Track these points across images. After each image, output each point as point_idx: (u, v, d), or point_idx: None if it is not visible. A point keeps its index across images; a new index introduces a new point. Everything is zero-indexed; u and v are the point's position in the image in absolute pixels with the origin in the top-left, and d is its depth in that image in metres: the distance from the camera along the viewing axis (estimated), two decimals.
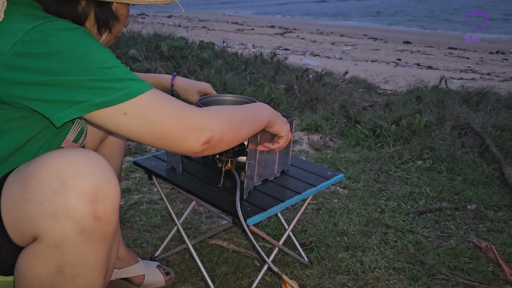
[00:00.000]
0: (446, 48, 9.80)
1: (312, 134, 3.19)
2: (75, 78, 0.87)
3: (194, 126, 0.98)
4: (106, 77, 0.89)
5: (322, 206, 2.16)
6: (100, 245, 0.87)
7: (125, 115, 0.92)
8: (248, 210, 1.31)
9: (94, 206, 0.83)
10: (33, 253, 0.86)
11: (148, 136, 0.96)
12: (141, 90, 0.92)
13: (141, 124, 0.94)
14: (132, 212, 2.03)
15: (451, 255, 1.82)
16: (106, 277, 0.97)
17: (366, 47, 9.53)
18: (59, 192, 0.82)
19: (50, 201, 0.82)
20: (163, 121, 0.95)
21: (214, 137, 1.00)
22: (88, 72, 0.88)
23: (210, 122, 1.01)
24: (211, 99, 1.56)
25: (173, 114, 0.96)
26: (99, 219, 0.84)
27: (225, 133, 1.04)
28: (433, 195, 2.33)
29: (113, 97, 0.89)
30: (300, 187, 1.47)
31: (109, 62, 0.91)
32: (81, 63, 0.88)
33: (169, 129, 0.96)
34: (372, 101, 3.93)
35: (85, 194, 0.82)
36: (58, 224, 0.82)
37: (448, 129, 3.10)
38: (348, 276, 1.67)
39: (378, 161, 2.71)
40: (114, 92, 0.89)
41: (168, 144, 0.98)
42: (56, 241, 0.83)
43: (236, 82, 3.92)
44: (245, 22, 13.80)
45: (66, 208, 0.82)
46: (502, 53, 9.20)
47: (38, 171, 0.83)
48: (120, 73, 0.91)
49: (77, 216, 0.82)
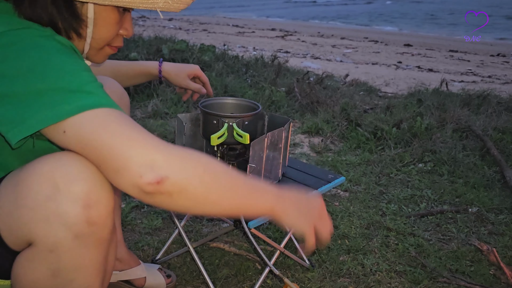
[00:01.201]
0: (447, 50, 9.80)
1: (313, 137, 3.19)
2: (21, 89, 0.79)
3: (142, 157, 0.78)
4: (54, 85, 0.80)
5: None
6: (96, 249, 0.87)
7: (64, 134, 0.80)
8: None
9: (87, 210, 0.82)
10: (28, 258, 0.86)
11: (90, 160, 0.82)
12: (90, 105, 0.79)
13: (77, 147, 0.81)
14: (133, 215, 2.03)
15: (452, 258, 1.82)
16: (104, 280, 0.96)
17: (367, 49, 9.54)
18: (51, 198, 0.81)
19: (42, 207, 0.81)
20: (101, 145, 0.79)
21: (170, 180, 0.78)
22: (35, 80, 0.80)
23: (169, 160, 0.80)
24: (212, 102, 1.56)
25: (118, 138, 0.79)
26: (93, 223, 0.84)
27: (191, 183, 0.80)
28: (434, 198, 2.33)
29: (56, 112, 0.78)
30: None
31: (65, 68, 0.82)
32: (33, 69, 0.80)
33: (107, 155, 0.79)
34: (373, 104, 3.93)
35: (77, 199, 0.82)
36: (51, 230, 0.82)
37: (449, 132, 3.10)
38: (350, 279, 1.67)
39: (379, 164, 2.71)
40: (58, 105, 0.79)
41: (108, 175, 0.81)
42: (50, 246, 0.83)
43: (237, 85, 3.92)
44: (246, 25, 13.81)
45: (59, 213, 0.81)
46: (503, 55, 9.20)
47: (30, 176, 0.83)
48: (76, 82, 0.81)
49: (70, 221, 0.82)
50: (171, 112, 3.38)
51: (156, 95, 3.63)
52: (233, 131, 1.39)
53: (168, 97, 3.58)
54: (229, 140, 1.40)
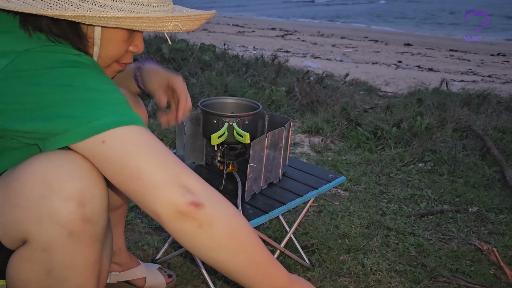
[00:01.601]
0: (447, 50, 9.79)
1: (313, 136, 3.19)
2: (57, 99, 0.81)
3: (184, 181, 0.81)
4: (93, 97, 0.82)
5: (323, 209, 2.16)
6: (90, 247, 0.87)
7: (103, 144, 0.81)
8: (250, 213, 1.31)
9: (82, 208, 0.83)
10: (22, 257, 0.86)
11: (119, 175, 0.82)
12: (132, 122, 0.83)
13: (117, 158, 0.81)
14: (133, 215, 2.03)
15: (452, 257, 1.82)
16: (100, 278, 0.96)
17: (367, 49, 9.53)
18: (44, 196, 0.81)
19: (35, 206, 0.82)
20: (143, 159, 0.81)
21: (206, 208, 0.80)
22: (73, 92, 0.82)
23: (208, 190, 0.84)
24: (213, 101, 1.56)
25: (161, 156, 0.83)
26: (87, 221, 0.84)
27: (221, 220, 0.82)
28: (435, 198, 2.33)
29: (99, 123, 0.81)
30: (301, 190, 1.47)
31: (98, 85, 0.85)
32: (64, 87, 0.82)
33: (147, 170, 0.81)
34: (373, 104, 3.93)
35: (71, 197, 0.82)
36: (45, 228, 0.82)
37: (449, 132, 3.10)
38: (350, 279, 1.67)
39: (379, 163, 2.71)
40: (102, 118, 0.81)
41: (140, 188, 0.81)
42: (43, 245, 0.83)
43: (237, 85, 3.92)
44: (246, 25, 13.81)
45: (52, 212, 0.81)
46: (503, 55, 9.19)
47: (23, 175, 0.83)
48: (111, 97, 0.85)
49: (63, 219, 0.82)
50: None
51: None
52: (233, 131, 1.39)
53: None
54: (229, 140, 1.40)
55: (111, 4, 0.86)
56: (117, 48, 0.95)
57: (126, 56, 0.99)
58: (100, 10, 0.85)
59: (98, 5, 0.85)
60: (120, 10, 0.87)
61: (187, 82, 3.91)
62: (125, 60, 1.00)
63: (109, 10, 0.86)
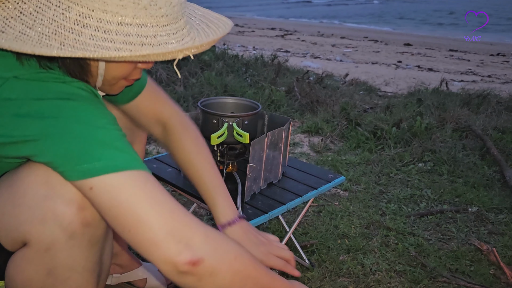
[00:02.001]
0: (446, 50, 9.80)
1: (312, 136, 3.19)
2: None
3: (181, 233, 0.76)
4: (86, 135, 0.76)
5: (323, 209, 2.16)
6: (90, 249, 0.88)
7: (91, 190, 0.77)
8: (249, 213, 1.31)
9: (82, 212, 0.83)
10: (23, 258, 0.86)
11: (110, 222, 0.79)
12: (124, 166, 0.77)
13: (106, 207, 0.77)
14: None
15: (452, 257, 1.82)
16: (100, 279, 0.97)
17: (367, 49, 9.54)
18: (48, 198, 0.82)
19: (39, 206, 0.82)
20: (137, 211, 0.76)
21: (205, 263, 0.77)
22: None
23: (206, 242, 0.79)
24: (212, 101, 1.56)
25: (156, 207, 0.77)
26: (87, 224, 0.85)
27: (222, 269, 0.80)
28: (434, 198, 2.33)
29: (87, 167, 0.76)
30: (301, 190, 1.47)
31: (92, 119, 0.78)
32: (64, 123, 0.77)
33: (141, 224, 0.76)
34: (372, 104, 3.93)
35: (72, 201, 0.83)
36: (47, 229, 0.83)
37: (449, 132, 3.10)
38: (349, 279, 1.67)
39: (379, 163, 2.71)
40: (92, 161, 0.76)
41: (135, 242, 0.77)
42: (45, 245, 0.84)
43: (237, 85, 3.92)
44: (246, 24, 13.81)
45: (55, 213, 0.82)
46: (503, 55, 9.20)
47: (26, 177, 0.84)
48: (106, 134, 0.78)
49: (65, 221, 0.83)
50: None
51: None
52: (233, 131, 1.39)
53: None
54: (229, 140, 1.40)
55: (116, 29, 0.76)
56: (124, 69, 0.88)
57: (135, 72, 0.91)
58: (102, 46, 0.75)
59: (101, 35, 0.76)
60: (126, 35, 0.77)
61: (187, 82, 3.91)
62: (134, 76, 0.92)
63: (111, 45, 0.76)
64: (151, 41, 0.79)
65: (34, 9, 0.76)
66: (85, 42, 0.75)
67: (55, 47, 0.74)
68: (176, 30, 0.83)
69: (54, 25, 0.75)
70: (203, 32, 0.90)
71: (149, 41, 0.78)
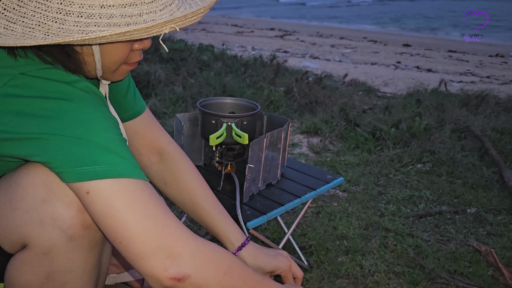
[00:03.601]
0: (445, 51, 9.80)
1: (311, 137, 3.19)
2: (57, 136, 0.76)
3: (170, 249, 0.77)
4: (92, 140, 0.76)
5: (321, 210, 2.15)
6: (89, 252, 0.87)
7: (87, 195, 0.77)
8: (248, 214, 1.30)
9: (82, 214, 0.83)
10: (22, 261, 0.86)
11: (104, 230, 0.80)
12: (123, 173, 0.77)
13: (100, 214, 0.78)
14: None
15: (451, 259, 1.81)
16: (99, 282, 0.97)
17: (366, 49, 9.54)
18: (46, 201, 0.81)
19: (37, 210, 0.82)
20: (129, 223, 0.77)
21: (191, 279, 0.78)
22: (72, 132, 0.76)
23: (196, 257, 0.79)
24: (211, 102, 1.55)
25: (148, 221, 0.77)
26: (87, 227, 0.84)
27: (209, 284, 0.80)
28: (433, 199, 2.32)
29: (87, 170, 0.76)
30: (299, 191, 1.47)
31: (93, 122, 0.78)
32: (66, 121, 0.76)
33: (132, 237, 0.77)
34: (371, 104, 3.93)
35: (72, 203, 0.82)
36: (46, 233, 0.82)
37: (448, 132, 3.10)
38: (348, 280, 1.67)
39: (378, 164, 2.71)
40: (92, 165, 0.76)
41: (124, 253, 0.79)
42: (44, 249, 0.83)
43: (236, 85, 3.92)
44: (245, 25, 13.80)
45: (54, 217, 0.82)
46: (501, 56, 9.20)
47: (24, 180, 0.83)
48: (106, 138, 0.78)
49: (64, 224, 0.82)
50: (170, 112, 3.37)
51: (154, 94, 3.63)
52: (232, 131, 1.38)
53: (166, 96, 3.58)
54: (227, 140, 1.40)
55: (99, 13, 0.75)
56: (120, 52, 0.86)
57: (134, 54, 0.89)
58: (87, 31, 0.75)
59: (84, 21, 0.75)
60: (109, 17, 0.76)
61: (186, 82, 3.90)
62: (134, 59, 0.90)
63: (95, 29, 0.75)
64: (136, 20, 0.78)
65: (17, 3, 0.76)
66: (69, 30, 0.75)
67: (39, 38, 0.74)
68: (163, 6, 0.81)
69: (37, 17, 0.75)
70: (195, 5, 0.87)
71: (134, 21, 0.77)
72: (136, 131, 1.14)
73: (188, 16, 0.82)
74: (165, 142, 1.18)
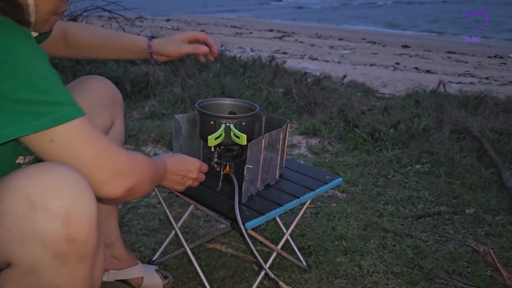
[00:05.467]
0: (444, 52, 9.82)
1: (310, 138, 3.19)
2: None
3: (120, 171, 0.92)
4: (36, 97, 0.80)
5: (320, 210, 2.15)
6: (78, 266, 0.84)
7: (50, 142, 0.84)
8: (247, 214, 1.30)
9: (66, 228, 0.79)
10: (7, 279, 0.83)
11: None
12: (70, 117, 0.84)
13: (66, 156, 0.85)
14: (130, 216, 2.02)
15: (449, 259, 1.82)
16: None
17: (365, 51, 9.55)
18: (27, 217, 0.77)
19: (18, 227, 0.78)
20: (91, 159, 0.88)
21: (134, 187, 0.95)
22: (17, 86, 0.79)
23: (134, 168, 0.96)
24: (210, 102, 1.56)
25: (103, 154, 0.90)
26: (72, 241, 0.80)
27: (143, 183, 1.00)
28: (432, 199, 2.33)
29: (39, 122, 0.81)
30: (298, 191, 1.47)
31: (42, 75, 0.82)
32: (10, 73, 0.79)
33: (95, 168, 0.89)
34: (370, 105, 3.94)
35: (55, 217, 0.78)
36: (29, 250, 0.79)
37: (447, 133, 3.10)
38: (347, 280, 1.67)
39: (377, 165, 2.71)
40: (41, 117, 0.81)
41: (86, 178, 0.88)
42: (29, 267, 0.80)
43: (235, 86, 3.92)
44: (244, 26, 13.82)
45: (36, 233, 0.78)
46: (500, 57, 9.22)
47: (4, 194, 0.79)
48: (52, 92, 0.82)
49: (47, 240, 0.78)
50: (168, 113, 3.37)
51: (153, 95, 3.63)
52: (230, 132, 1.38)
53: (165, 97, 3.58)
54: (226, 141, 1.40)
55: None
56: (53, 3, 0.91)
57: (61, 5, 0.95)
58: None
59: None
60: None
61: (185, 83, 3.91)
62: (61, 9, 0.96)
63: None
64: None
65: None
66: None
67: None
68: None
69: None
70: None
71: None
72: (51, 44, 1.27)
73: None
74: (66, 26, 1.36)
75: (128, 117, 3.30)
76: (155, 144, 2.87)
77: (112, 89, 1.39)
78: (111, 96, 1.38)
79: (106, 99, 1.35)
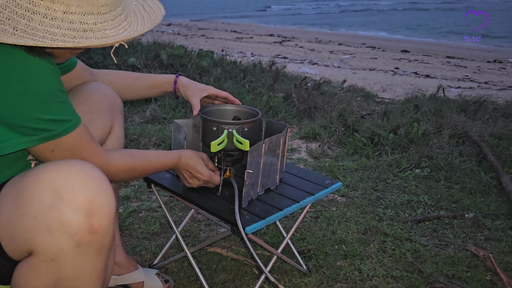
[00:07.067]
0: (443, 57, 9.84)
1: (310, 142, 3.20)
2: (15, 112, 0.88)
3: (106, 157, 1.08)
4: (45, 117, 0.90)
5: (320, 214, 2.16)
6: (96, 257, 0.88)
7: (51, 152, 0.94)
8: (247, 219, 1.31)
9: (90, 219, 0.84)
10: (29, 267, 0.86)
11: None
12: (69, 130, 0.95)
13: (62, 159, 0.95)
14: (131, 220, 2.03)
15: (449, 263, 1.83)
16: (103, 286, 0.97)
17: (364, 55, 9.57)
18: (54, 207, 0.82)
19: (45, 216, 0.82)
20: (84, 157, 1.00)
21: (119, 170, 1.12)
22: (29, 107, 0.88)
23: (117, 156, 1.12)
24: (212, 108, 1.57)
25: (98, 156, 1.04)
26: (94, 232, 0.85)
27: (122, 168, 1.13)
28: (431, 204, 2.34)
29: (43, 136, 0.91)
30: (298, 196, 1.48)
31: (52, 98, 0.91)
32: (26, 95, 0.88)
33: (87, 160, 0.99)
34: (370, 110, 3.95)
35: (80, 208, 0.83)
36: (53, 239, 0.83)
37: (446, 138, 3.11)
38: (347, 284, 1.67)
39: (376, 169, 2.72)
40: (44, 133, 0.91)
41: None
42: (52, 255, 0.84)
43: (235, 91, 3.94)
44: (244, 31, 13.86)
45: (61, 222, 0.82)
46: (499, 62, 9.24)
47: (32, 185, 0.84)
48: (58, 112, 0.92)
49: (72, 230, 0.83)
50: (169, 117, 3.39)
51: (154, 100, 3.64)
52: (233, 138, 1.39)
53: (166, 102, 3.59)
54: (229, 147, 1.41)
55: (62, 17, 0.86)
56: (69, 51, 0.99)
57: None
58: (50, 32, 0.86)
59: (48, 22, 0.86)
60: (70, 22, 0.87)
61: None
62: (77, 50, 1.03)
63: (57, 31, 0.86)
64: (92, 27, 0.89)
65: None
66: (35, 27, 0.85)
67: (9, 32, 0.84)
68: (114, 17, 0.93)
69: (7, 11, 0.84)
70: (139, 15, 1.02)
71: (90, 27, 0.89)
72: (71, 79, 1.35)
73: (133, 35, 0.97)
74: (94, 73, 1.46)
75: (129, 121, 3.32)
76: (156, 148, 2.88)
77: (112, 94, 1.40)
78: (110, 101, 1.39)
79: (105, 104, 1.37)
